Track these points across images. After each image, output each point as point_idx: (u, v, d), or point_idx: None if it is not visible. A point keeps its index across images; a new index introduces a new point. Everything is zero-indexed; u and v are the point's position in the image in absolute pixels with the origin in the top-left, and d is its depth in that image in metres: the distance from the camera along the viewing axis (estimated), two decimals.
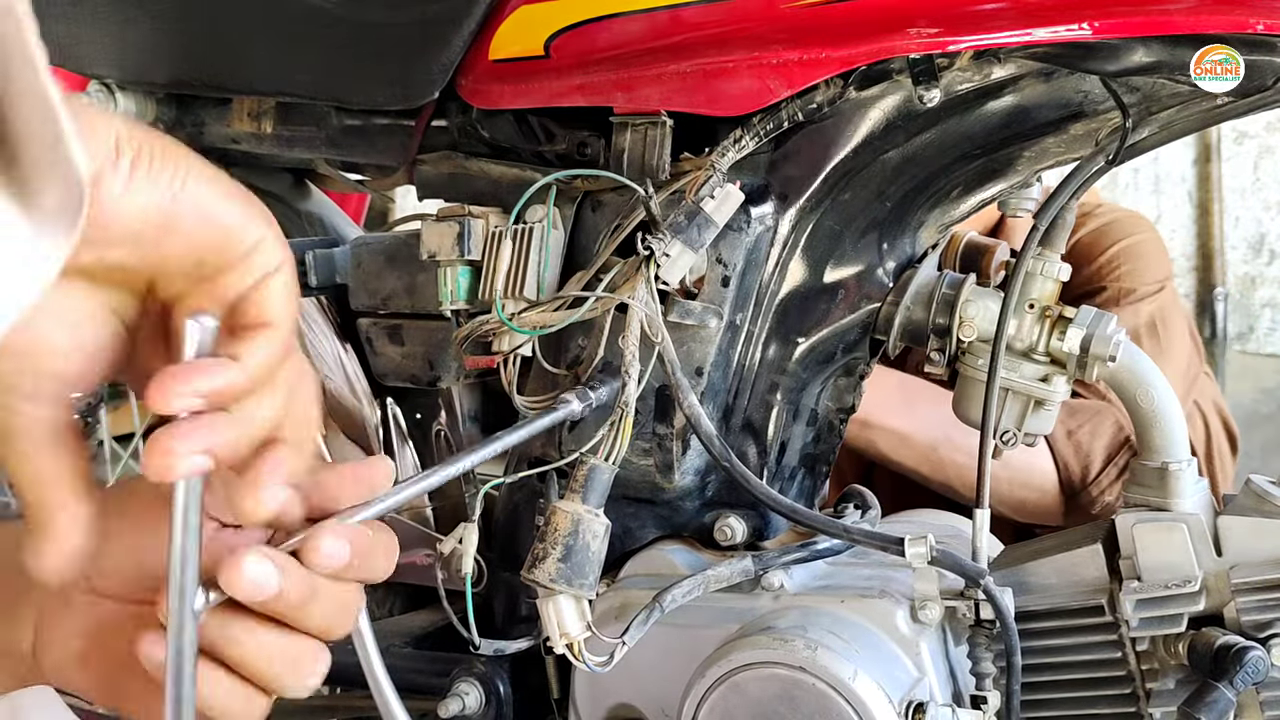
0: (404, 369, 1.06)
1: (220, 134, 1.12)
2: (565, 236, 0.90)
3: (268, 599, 0.49)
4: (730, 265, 0.85)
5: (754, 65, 0.81)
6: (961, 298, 0.89)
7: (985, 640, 0.84)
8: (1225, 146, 3.10)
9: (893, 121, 0.84)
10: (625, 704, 0.91)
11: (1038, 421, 0.89)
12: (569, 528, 0.76)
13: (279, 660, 0.52)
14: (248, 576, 0.48)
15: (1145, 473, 0.87)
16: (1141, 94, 0.81)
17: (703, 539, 0.92)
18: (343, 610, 0.54)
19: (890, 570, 0.89)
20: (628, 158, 0.87)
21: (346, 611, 0.54)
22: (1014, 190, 0.94)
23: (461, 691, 0.95)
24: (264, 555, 0.49)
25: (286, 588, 0.49)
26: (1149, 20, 0.73)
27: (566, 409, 0.80)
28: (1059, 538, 0.92)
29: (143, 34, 1.02)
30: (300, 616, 0.51)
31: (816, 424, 0.96)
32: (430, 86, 0.94)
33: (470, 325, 0.88)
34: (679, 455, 0.88)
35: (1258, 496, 0.85)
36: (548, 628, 0.77)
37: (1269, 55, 0.74)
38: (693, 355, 0.86)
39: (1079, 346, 0.85)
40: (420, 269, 0.99)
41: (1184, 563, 0.82)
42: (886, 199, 0.89)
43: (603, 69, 0.87)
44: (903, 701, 0.79)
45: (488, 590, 1.00)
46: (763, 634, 0.82)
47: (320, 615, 0.52)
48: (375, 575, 0.55)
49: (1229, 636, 0.80)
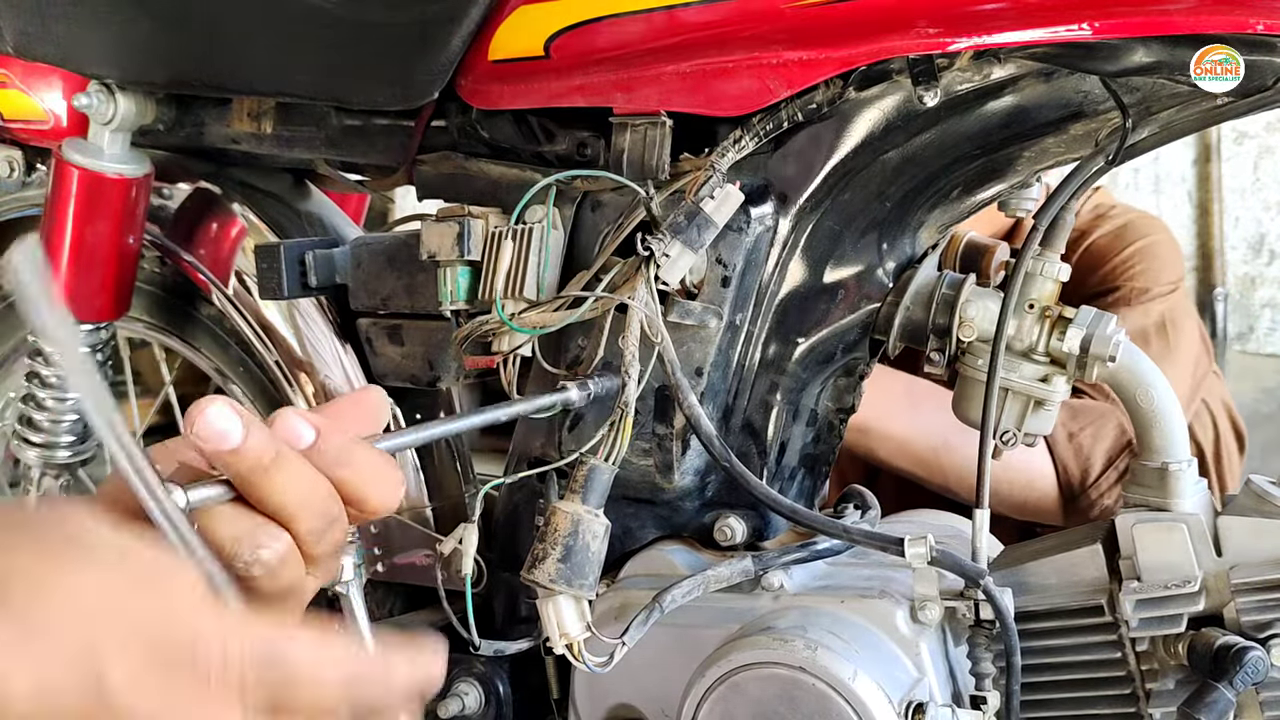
0: (404, 369, 1.06)
1: (220, 134, 1.12)
2: (565, 237, 0.90)
3: (228, 450, 0.49)
4: (730, 265, 0.85)
5: (754, 65, 0.81)
6: (961, 298, 0.89)
7: (985, 640, 0.84)
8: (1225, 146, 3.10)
9: (892, 122, 0.84)
10: (625, 704, 0.91)
11: (1038, 421, 0.89)
12: (569, 528, 0.76)
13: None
14: (211, 422, 0.48)
15: (1145, 473, 0.87)
16: (1141, 94, 0.81)
17: (703, 539, 0.92)
18: (312, 497, 0.52)
19: (890, 570, 0.88)
20: (627, 158, 0.87)
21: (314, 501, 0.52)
22: (1014, 190, 0.94)
23: (461, 691, 0.95)
24: (228, 404, 0.49)
25: (250, 444, 0.49)
26: (1149, 20, 0.73)
27: (564, 395, 0.79)
28: (1059, 538, 0.92)
29: (143, 34, 1.02)
30: (262, 483, 0.51)
31: (816, 424, 0.96)
32: (430, 86, 0.94)
33: (470, 325, 0.88)
34: (679, 455, 0.88)
35: (1258, 496, 0.85)
36: (548, 628, 0.77)
37: (1269, 55, 0.74)
38: (693, 355, 0.86)
39: (1079, 346, 0.85)
40: (420, 269, 0.99)
41: (1184, 563, 0.82)
42: (886, 199, 0.89)
43: (603, 69, 0.87)
44: (902, 702, 0.79)
45: (488, 590, 1.00)
46: (763, 634, 0.82)
47: (283, 489, 0.51)
48: (366, 494, 0.54)
49: (1229, 637, 0.80)
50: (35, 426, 1.17)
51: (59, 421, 1.17)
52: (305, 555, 0.53)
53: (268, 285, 1.01)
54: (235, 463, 0.50)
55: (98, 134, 1.09)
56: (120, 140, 1.09)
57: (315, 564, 0.54)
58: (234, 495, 0.51)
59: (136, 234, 1.13)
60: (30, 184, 1.26)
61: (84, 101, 1.06)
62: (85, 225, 1.10)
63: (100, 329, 1.15)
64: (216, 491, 0.51)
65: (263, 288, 1.03)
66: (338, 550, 0.55)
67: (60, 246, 1.10)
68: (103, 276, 1.12)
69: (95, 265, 1.11)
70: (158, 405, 1.46)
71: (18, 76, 1.15)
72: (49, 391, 1.16)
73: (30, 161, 1.24)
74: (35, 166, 1.25)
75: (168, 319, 1.23)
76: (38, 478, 1.20)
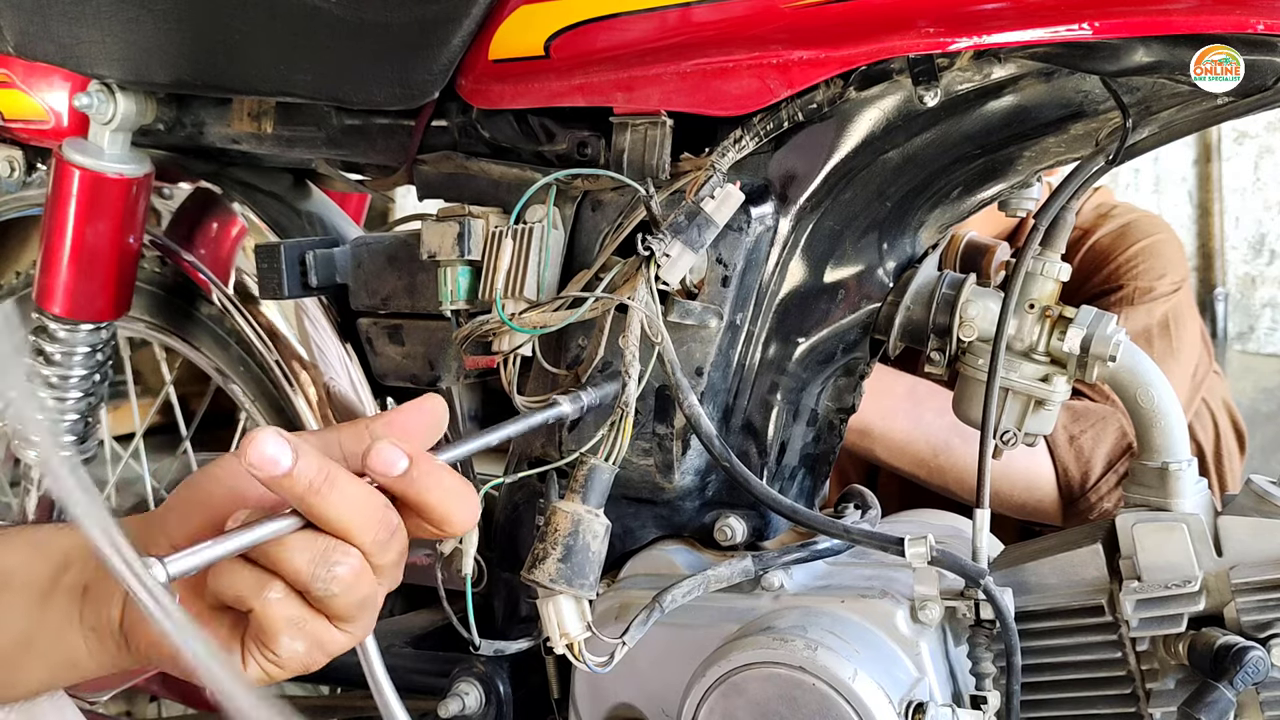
0: (404, 369, 1.07)
1: (220, 134, 1.12)
2: (565, 236, 0.90)
3: (280, 475, 0.51)
4: (730, 265, 0.85)
5: (754, 65, 0.81)
6: (961, 298, 0.89)
7: (985, 640, 0.84)
8: (1225, 146, 3.10)
9: (893, 122, 0.84)
10: (625, 704, 0.91)
11: (1038, 421, 0.89)
12: (569, 528, 0.76)
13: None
14: (261, 449, 0.51)
15: (1145, 473, 0.87)
16: (1141, 94, 0.81)
17: (703, 539, 0.92)
18: (370, 510, 0.55)
19: (890, 570, 0.88)
20: (628, 158, 0.87)
21: (373, 514, 0.55)
22: (1014, 190, 0.94)
23: (461, 691, 0.95)
24: (278, 433, 0.52)
25: (301, 467, 0.51)
26: (1149, 20, 0.73)
27: (557, 410, 0.79)
28: (1059, 538, 0.92)
29: (144, 34, 1.02)
30: (320, 504, 0.53)
31: (816, 424, 0.96)
32: (430, 86, 0.94)
33: (470, 325, 0.88)
34: (679, 455, 0.88)
35: (1258, 496, 0.85)
36: (548, 628, 0.77)
37: (1269, 55, 0.74)
38: (693, 355, 0.86)
39: (1079, 346, 0.85)
40: (420, 269, 0.99)
41: (1184, 563, 0.82)
42: (887, 199, 0.89)
43: (603, 69, 0.87)
44: (903, 701, 0.79)
45: (488, 590, 1.00)
46: (763, 634, 0.82)
47: (342, 506, 0.53)
48: (450, 514, 0.57)
49: (1229, 636, 0.80)
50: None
51: (59, 422, 1.17)
52: (373, 566, 0.56)
53: (268, 285, 1.01)
54: (290, 486, 0.52)
55: (98, 134, 1.09)
56: (120, 140, 1.10)
57: (382, 574, 0.57)
58: (302, 524, 0.54)
59: (136, 234, 1.13)
60: (30, 184, 1.27)
61: (84, 101, 1.06)
62: (85, 225, 1.10)
63: (100, 329, 1.15)
64: (286, 523, 0.53)
65: (263, 287, 1.03)
66: (402, 558, 0.58)
67: (60, 246, 1.10)
68: (103, 276, 1.12)
69: (95, 265, 1.11)
70: (158, 405, 1.46)
71: (18, 76, 1.15)
72: (49, 391, 1.16)
73: (30, 161, 1.25)
74: (35, 166, 1.25)
75: (168, 319, 1.23)
76: (38, 478, 1.20)
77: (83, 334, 1.14)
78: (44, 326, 1.14)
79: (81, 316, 1.13)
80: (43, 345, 1.14)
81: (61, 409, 1.17)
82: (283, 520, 0.53)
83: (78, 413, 1.18)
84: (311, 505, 0.53)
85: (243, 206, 1.17)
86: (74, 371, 1.16)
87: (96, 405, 1.20)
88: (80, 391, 1.17)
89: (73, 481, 0.46)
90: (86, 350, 1.15)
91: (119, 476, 1.43)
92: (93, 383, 1.18)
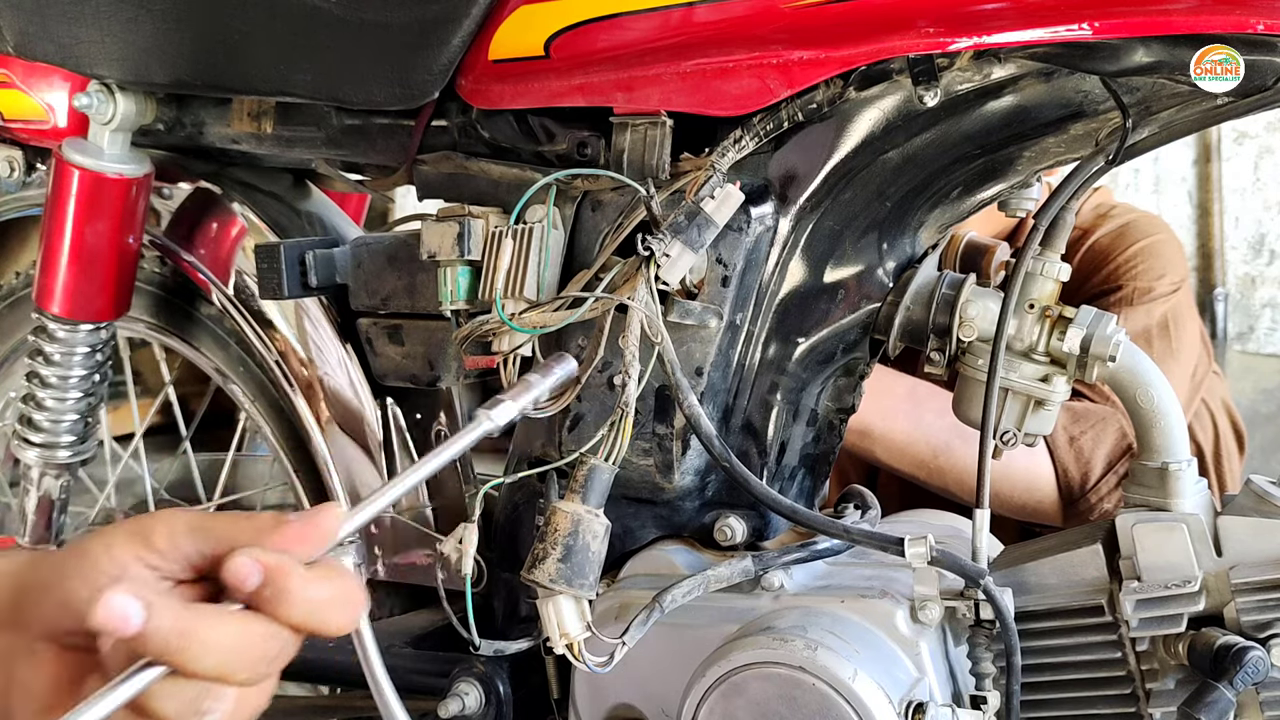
0: (404, 369, 1.06)
1: (220, 134, 1.12)
2: (565, 236, 0.90)
3: (133, 635, 0.48)
4: (730, 265, 0.85)
5: (754, 65, 0.81)
6: (961, 298, 0.89)
7: (985, 640, 0.84)
8: (1225, 146, 3.10)
9: (893, 122, 0.84)
10: (625, 704, 0.91)
11: (1038, 422, 0.89)
12: (569, 528, 0.76)
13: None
14: (111, 609, 0.48)
15: (1145, 473, 0.87)
16: (1141, 94, 0.81)
17: (703, 539, 0.92)
18: (244, 647, 0.52)
19: (890, 570, 0.88)
20: (628, 158, 0.87)
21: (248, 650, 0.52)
22: (1014, 190, 0.94)
23: (461, 691, 0.95)
24: (129, 591, 0.49)
25: (153, 624, 0.48)
26: (1149, 20, 0.73)
27: (485, 428, 0.68)
28: (1059, 538, 0.92)
29: (143, 34, 1.02)
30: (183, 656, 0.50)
31: (816, 424, 0.96)
32: (430, 86, 0.94)
33: (470, 325, 0.88)
34: (679, 455, 0.88)
35: (1258, 497, 0.85)
36: (548, 628, 0.77)
37: (1269, 55, 0.74)
38: (693, 355, 0.86)
39: (1079, 346, 0.85)
40: (420, 269, 0.99)
41: (1184, 563, 0.82)
42: (886, 199, 0.89)
43: (603, 69, 0.87)
44: (903, 701, 0.79)
45: (488, 590, 1.01)
46: (763, 634, 0.82)
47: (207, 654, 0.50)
48: (323, 624, 0.53)
49: (1229, 636, 0.80)
50: (35, 426, 1.17)
51: (59, 421, 1.17)
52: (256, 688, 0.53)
53: (268, 285, 1.01)
54: (144, 645, 0.49)
55: (98, 134, 1.09)
56: (120, 140, 1.10)
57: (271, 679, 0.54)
58: (170, 670, 0.50)
59: (136, 234, 1.13)
60: (30, 184, 1.26)
61: (84, 101, 1.06)
62: (85, 225, 1.10)
63: (100, 329, 1.15)
64: (152, 674, 0.50)
65: (263, 287, 1.03)
66: (285, 662, 0.55)
67: (60, 246, 1.10)
68: (103, 276, 1.12)
69: (95, 265, 1.11)
70: (158, 405, 1.46)
71: (18, 76, 1.15)
72: (49, 391, 1.16)
73: (30, 161, 1.25)
74: (35, 166, 1.25)
75: (168, 319, 1.23)
76: (38, 478, 1.20)
77: (82, 334, 1.14)
78: (44, 326, 1.14)
79: (81, 316, 1.13)
80: (42, 345, 1.14)
81: (61, 409, 1.17)
82: (149, 672, 0.50)
83: (77, 413, 1.18)
84: (172, 661, 0.50)
85: (242, 206, 1.17)
86: (74, 371, 1.16)
87: (96, 405, 1.21)
88: (80, 391, 1.17)
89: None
90: (86, 350, 1.15)
91: (119, 476, 1.43)
92: (92, 383, 1.18)
